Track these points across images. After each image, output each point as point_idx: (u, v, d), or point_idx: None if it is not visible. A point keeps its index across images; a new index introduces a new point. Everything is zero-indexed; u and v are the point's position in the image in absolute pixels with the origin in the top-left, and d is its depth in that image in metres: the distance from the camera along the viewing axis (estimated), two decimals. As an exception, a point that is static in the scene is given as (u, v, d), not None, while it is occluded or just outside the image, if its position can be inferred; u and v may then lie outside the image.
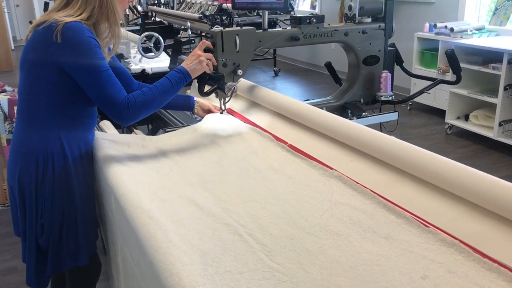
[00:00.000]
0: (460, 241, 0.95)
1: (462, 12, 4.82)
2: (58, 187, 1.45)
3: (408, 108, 5.12)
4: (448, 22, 4.61)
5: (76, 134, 1.49)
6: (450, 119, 4.38)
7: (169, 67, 2.03)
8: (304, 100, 2.08)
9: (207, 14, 4.86)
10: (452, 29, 4.37)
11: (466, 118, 4.35)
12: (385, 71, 2.20)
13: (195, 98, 1.85)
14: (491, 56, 3.95)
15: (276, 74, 7.12)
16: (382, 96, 2.21)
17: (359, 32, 2.09)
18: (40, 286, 1.51)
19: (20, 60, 1.44)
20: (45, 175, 1.43)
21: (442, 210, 1.07)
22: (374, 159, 1.32)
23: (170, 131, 1.81)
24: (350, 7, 2.12)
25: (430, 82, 2.29)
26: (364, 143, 1.34)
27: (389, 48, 2.22)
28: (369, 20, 2.14)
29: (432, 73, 4.64)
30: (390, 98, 2.22)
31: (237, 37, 1.75)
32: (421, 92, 2.29)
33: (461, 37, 4.33)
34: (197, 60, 1.54)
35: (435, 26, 4.61)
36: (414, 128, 4.61)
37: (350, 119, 2.04)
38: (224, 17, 4.95)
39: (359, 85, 2.19)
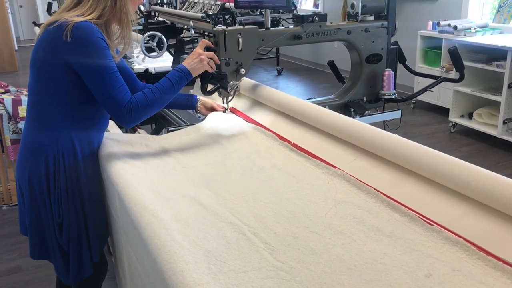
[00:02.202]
0: (464, 239, 0.95)
1: (466, 10, 4.80)
2: (70, 185, 1.46)
3: (412, 106, 5.11)
4: (452, 20, 4.60)
5: (88, 134, 1.50)
6: (453, 117, 4.37)
7: (172, 67, 2.04)
8: (307, 99, 2.08)
9: (210, 13, 4.86)
10: (455, 27, 4.36)
11: (470, 116, 4.34)
12: (388, 69, 2.20)
13: (197, 97, 1.85)
14: (495, 54, 3.93)
15: (279, 73, 7.12)
16: (385, 94, 2.21)
17: (361, 31, 2.09)
18: (84, 274, 1.54)
19: (30, 60, 1.45)
20: (56, 174, 1.45)
21: (446, 208, 1.07)
22: (377, 158, 1.31)
23: (173, 130, 1.81)
24: (352, 6, 2.12)
25: (433, 80, 2.28)
26: (367, 141, 1.34)
27: (392, 46, 2.22)
28: (372, 18, 2.14)
29: (436, 71, 4.63)
30: (393, 96, 2.22)
31: (239, 36, 1.75)
32: (424, 90, 2.28)
33: (465, 35, 4.32)
34: (198, 59, 1.54)
35: (438, 24, 4.60)
36: (418, 126, 4.60)
37: (353, 118, 2.04)
38: (226, 17, 4.94)
39: (362, 83, 2.19)
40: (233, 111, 1.92)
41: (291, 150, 1.49)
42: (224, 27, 1.76)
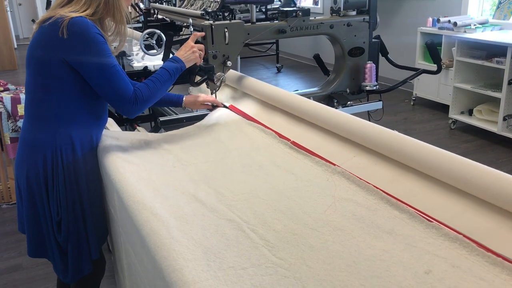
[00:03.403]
0: (464, 235, 0.94)
1: (466, 6, 4.80)
2: (69, 183, 1.46)
3: (412, 103, 5.10)
4: (452, 16, 4.59)
5: (87, 131, 1.50)
6: (454, 114, 4.37)
7: (162, 60, 2.12)
8: (294, 91, 2.15)
9: (209, 10, 4.84)
10: (455, 24, 4.35)
11: (470, 113, 4.33)
12: (369, 62, 2.26)
13: (184, 97, 1.89)
14: (495, 50, 3.93)
15: (279, 70, 7.11)
16: (367, 86, 2.28)
17: (344, 25, 2.17)
18: (83, 272, 1.55)
19: (26, 57, 1.45)
20: (55, 172, 1.44)
21: (445, 205, 1.07)
22: (377, 154, 1.31)
23: (164, 121, 1.87)
24: (335, 1, 2.19)
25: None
26: (367, 138, 1.34)
27: (374, 40, 2.29)
28: (354, 13, 2.21)
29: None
30: (374, 88, 2.29)
31: (226, 30, 1.83)
32: (403, 82, 2.37)
33: (465, 32, 4.31)
34: (190, 51, 1.61)
35: (438, 20, 4.59)
36: (418, 123, 4.59)
37: (336, 108, 2.12)
38: (226, 14, 4.93)
39: (345, 75, 2.27)
40: (233, 109, 1.92)
41: (290, 148, 1.48)
42: (211, 22, 1.84)
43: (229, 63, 1.86)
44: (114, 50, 1.51)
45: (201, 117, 1.94)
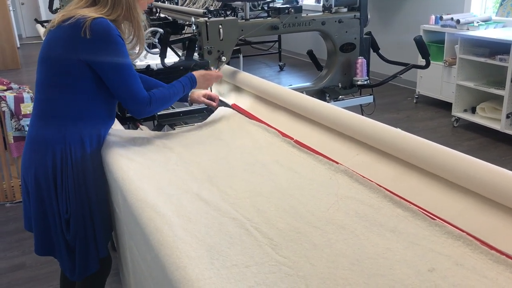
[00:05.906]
0: (467, 233, 0.94)
1: (468, 4, 4.78)
2: (77, 181, 1.47)
3: (415, 101, 5.09)
4: (454, 14, 4.57)
5: (96, 130, 1.52)
6: (457, 112, 4.36)
7: (160, 56, 2.15)
8: (288, 86, 2.20)
9: (212, 9, 4.84)
10: (458, 21, 4.34)
11: (473, 110, 4.32)
12: (360, 57, 2.31)
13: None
14: (498, 48, 3.91)
15: (281, 68, 7.10)
16: (358, 81, 2.34)
17: (335, 22, 2.23)
18: (90, 270, 1.56)
19: (40, 55, 1.46)
20: (64, 171, 1.45)
21: (449, 202, 1.07)
22: (380, 152, 1.31)
23: (162, 115, 1.92)
24: None
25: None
26: (370, 136, 1.34)
27: (365, 36, 2.34)
28: (345, 10, 2.27)
29: (439, 65, 4.61)
30: (365, 82, 2.35)
31: (220, 27, 1.89)
32: (394, 76, 2.41)
33: (468, 29, 4.29)
34: (208, 81, 1.76)
35: (441, 18, 4.57)
36: (421, 121, 4.58)
37: (328, 102, 2.17)
38: (228, 12, 4.92)
39: (337, 70, 2.33)
40: (236, 108, 1.92)
41: (293, 147, 1.48)
42: (206, 19, 1.90)
43: (223, 58, 1.91)
44: (135, 55, 1.56)
45: (197, 111, 1.99)
